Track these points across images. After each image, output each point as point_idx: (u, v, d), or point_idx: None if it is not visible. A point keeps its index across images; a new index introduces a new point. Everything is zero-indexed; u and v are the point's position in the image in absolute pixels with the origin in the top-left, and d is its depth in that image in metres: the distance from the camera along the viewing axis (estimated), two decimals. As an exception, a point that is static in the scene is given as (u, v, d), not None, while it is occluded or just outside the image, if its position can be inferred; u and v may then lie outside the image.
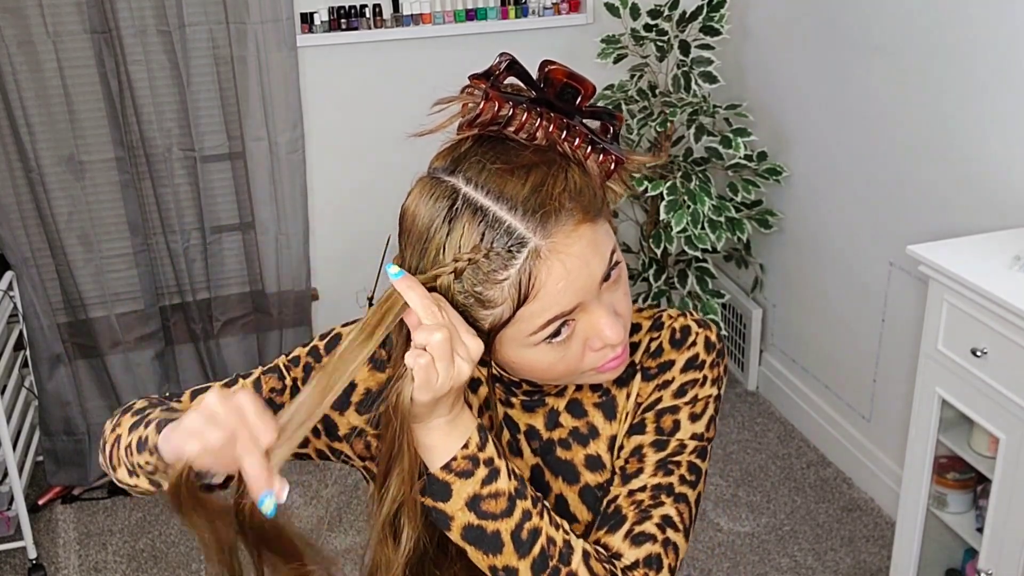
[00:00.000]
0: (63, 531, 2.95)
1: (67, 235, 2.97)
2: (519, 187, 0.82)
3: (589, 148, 0.86)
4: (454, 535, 0.88)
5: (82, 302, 3.05)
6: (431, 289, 0.84)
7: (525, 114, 0.85)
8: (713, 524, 2.87)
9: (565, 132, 0.86)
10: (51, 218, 2.93)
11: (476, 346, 0.83)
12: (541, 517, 0.88)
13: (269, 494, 0.77)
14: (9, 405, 2.81)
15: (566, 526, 0.90)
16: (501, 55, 0.87)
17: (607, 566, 0.89)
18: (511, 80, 0.87)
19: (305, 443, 1.02)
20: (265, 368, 1.03)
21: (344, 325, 1.05)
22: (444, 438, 0.87)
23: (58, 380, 3.06)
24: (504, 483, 0.88)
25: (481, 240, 0.82)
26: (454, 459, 0.87)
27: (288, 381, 1.02)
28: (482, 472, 0.87)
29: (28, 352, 3.02)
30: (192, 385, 1.10)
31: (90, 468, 3.12)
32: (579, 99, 0.87)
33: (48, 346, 3.00)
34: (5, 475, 2.85)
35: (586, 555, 0.89)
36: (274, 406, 1.00)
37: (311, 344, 1.03)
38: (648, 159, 0.95)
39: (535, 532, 0.88)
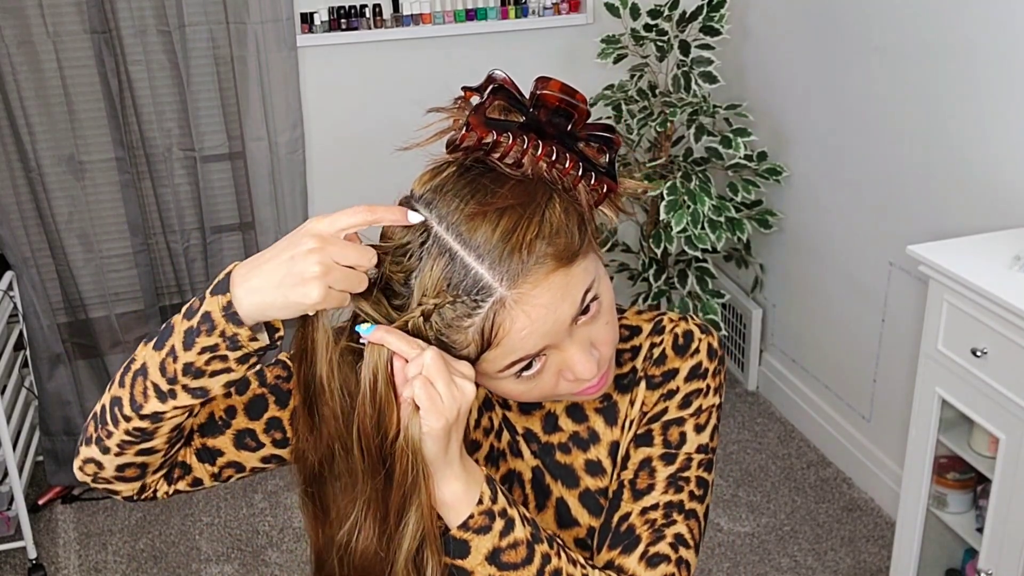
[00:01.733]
0: (63, 531, 2.95)
1: (67, 235, 2.97)
2: (489, 233, 0.80)
3: (579, 174, 0.84)
4: None
5: (82, 302, 3.05)
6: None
7: (511, 140, 0.83)
8: (713, 524, 2.87)
9: (554, 158, 0.83)
10: (51, 218, 2.93)
11: (468, 368, 0.83)
12: (559, 557, 0.88)
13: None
14: (9, 405, 2.81)
15: (581, 560, 0.90)
16: (490, 76, 0.84)
17: None
18: (500, 103, 0.84)
19: None
20: (268, 363, 1.03)
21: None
22: (463, 489, 0.85)
23: (58, 380, 3.06)
24: (520, 531, 0.87)
25: (448, 286, 0.81)
26: (471, 517, 0.86)
27: (294, 369, 1.01)
28: (499, 525, 0.86)
29: (28, 352, 3.02)
30: None
31: (90, 468, 3.12)
32: (571, 124, 0.84)
33: (48, 346, 3.00)
34: (5, 475, 2.85)
35: None
36: (280, 392, 1.00)
37: None
38: (642, 186, 0.93)
39: (557, 574, 0.87)
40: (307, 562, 3.09)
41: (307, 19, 3.06)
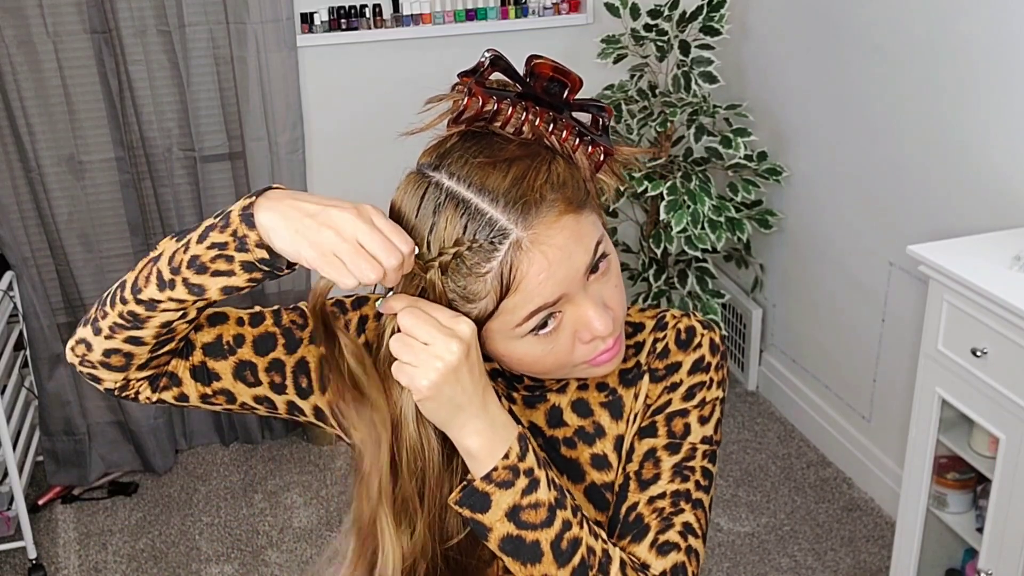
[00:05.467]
0: (63, 531, 2.95)
1: (67, 235, 2.97)
2: (501, 179, 0.83)
3: (577, 140, 0.87)
4: (492, 545, 0.88)
5: (82, 302, 3.05)
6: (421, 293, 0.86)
7: (511, 109, 0.86)
8: (713, 524, 2.87)
9: (552, 125, 0.86)
10: (51, 218, 2.93)
11: (469, 326, 0.84)
12: (581, 527, 0.88)
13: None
14: (9, 405, 2.81)
15: (603, 534, 0.90)
16: (487, 51, 0.87)
17: (640, 575, 0.90)
18: (498, 76, 0.88)
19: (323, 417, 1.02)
20: (287, 307, 1.03)
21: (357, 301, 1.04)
22: (488, 442, 0.87)
23: (58, 380, 3.05)
24: (544, 493, 0.87)
25: (464, 232, 0.83)
26: (495, 469, 0.86)
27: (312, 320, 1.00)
28: (522, 483, 0.87)
29: (28, 352, 3.02)
30: None
31: (90, 468, 3.12)
32: (566, 92, 0.87)
33: (48, 346, 3.00)
34: (5, 475, 2.85)
35: (623, 564, 0.89)
36: (292, 337, 1.00)
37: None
38: (638, 150, 0.96)
39: (575, 542, 0.88)
40: (307, 562, 3.09)
41: (307, 19, 3.06)
